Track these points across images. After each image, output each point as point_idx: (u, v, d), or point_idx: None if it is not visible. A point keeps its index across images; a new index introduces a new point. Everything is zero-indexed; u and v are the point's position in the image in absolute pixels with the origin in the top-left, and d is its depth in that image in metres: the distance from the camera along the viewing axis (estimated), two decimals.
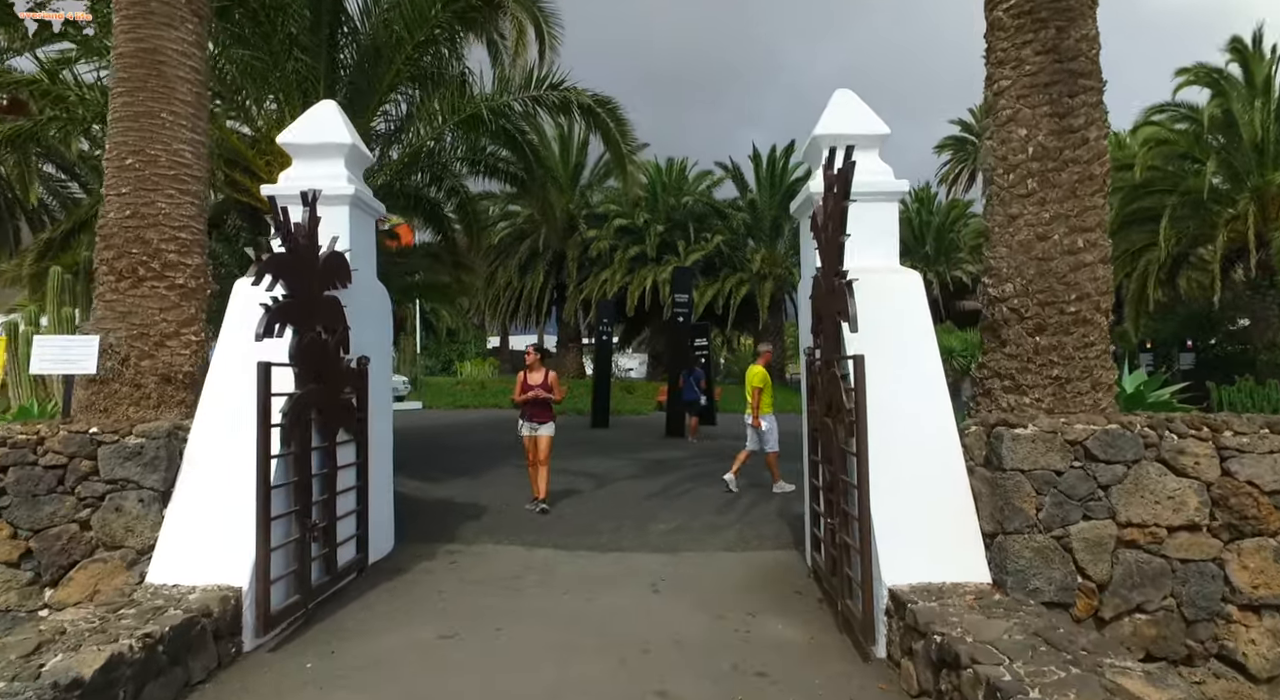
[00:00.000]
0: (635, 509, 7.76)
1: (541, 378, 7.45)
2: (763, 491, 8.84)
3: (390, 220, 13.59)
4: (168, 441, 3.93)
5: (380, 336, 5.69)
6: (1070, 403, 4.35)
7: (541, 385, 7.39)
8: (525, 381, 7.50)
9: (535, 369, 7.51)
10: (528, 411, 7.46)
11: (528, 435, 7.48)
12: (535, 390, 7.36)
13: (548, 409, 7.46)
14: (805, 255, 5.31)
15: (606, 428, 17.03)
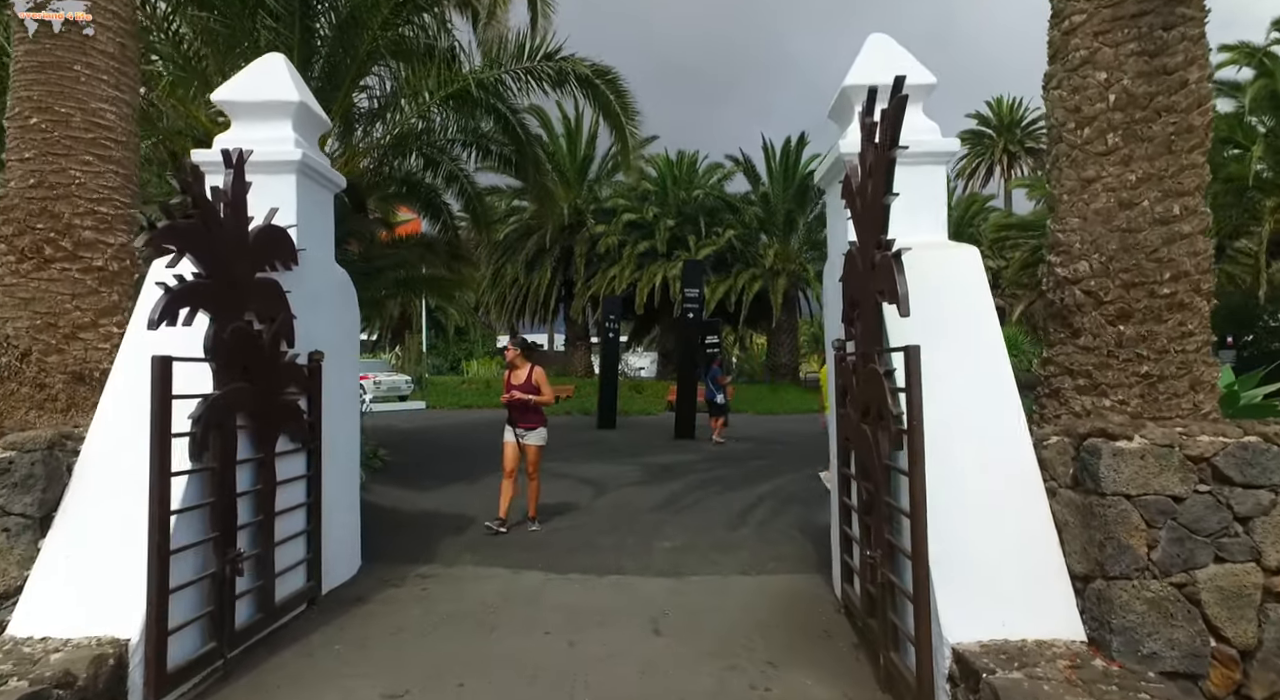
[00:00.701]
0: (638, 522, 7.00)
1: (525, 377, 6.57)
2: (781, 500, 8.04)
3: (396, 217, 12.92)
4: (48, 455, 3.17)
5: (340, 329, 4.94)
6: (1163, 405, 3.54)
7: (524, 385, 6.50)
8: (509, 380, 6.66)
9: (518, 367, 6.65)
10: (512, 416, 6.63)
11: (511, 442, 6.60)
12: (515, 392, 6.47)
13: (535, 413, 6.60)
14: (834, 230, 4.51)
15: (613, 428, 16.29)
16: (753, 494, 8.50)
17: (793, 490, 8.75)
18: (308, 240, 4.36)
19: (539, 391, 6.56)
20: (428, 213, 11.45)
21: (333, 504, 4.67)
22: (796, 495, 8.41)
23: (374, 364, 25.53)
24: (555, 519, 7.07)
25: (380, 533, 6.30)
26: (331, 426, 4.65)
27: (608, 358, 17.04)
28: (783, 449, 12.83)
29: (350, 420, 5.19)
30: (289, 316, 4.02)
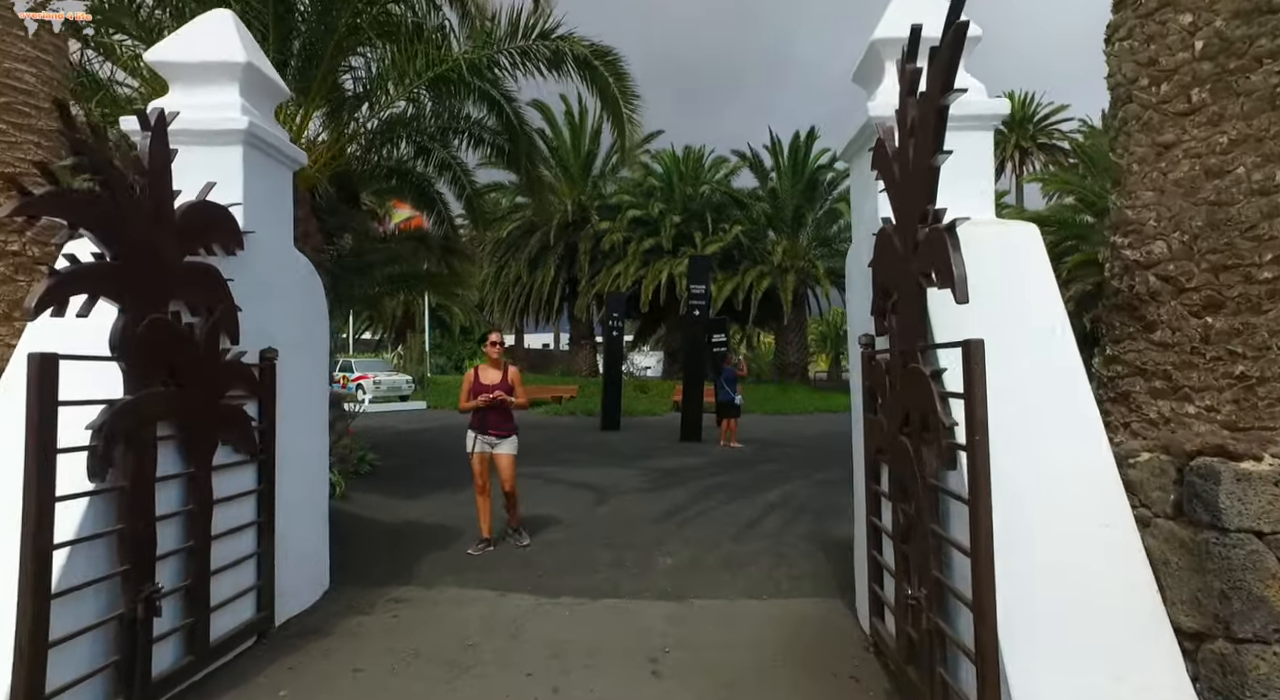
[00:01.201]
0: (640, 535, 6.43)
1: (500, 376, 5.78)
2: (793, 510, 7.47)
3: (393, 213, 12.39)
4: None
5: (302, 323, 4.39)
6: (1262, 413, 2.95)
7: (503, 385, 5.71)
8: (477, 381, 5.77)
9: (493, 364, 5.86)
10: (481, 421, 5.73)
11: (479, 453, 5.76)
12: (498, 392, 5.62)
13: (509, 417, 5.85)
14: (860, 209, 3.92)
15: (617, 430, 15.74)
16: (762, 502, 7.93)
17: (805, 498, 8.18)
18: (259, 222, 3.82)
19: (514, 392, 5.80)
20: (421, 205, 10.92)
21: (291, 521, 4.12)
22: (809, 504, 7.84)
23: (374, 363, 25.06)
24: (550, 531, 6.51)
25: (356, 548, 5.76)
26: (291, 434, 4.11)
27: (611, 356, 16.49)
28: (793, 452, 12.25)
29: (317, 426, 4.64)
30: (231, 308, 3.47)
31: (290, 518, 4.10)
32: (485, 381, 5.73)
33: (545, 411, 20.52)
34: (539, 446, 12.57)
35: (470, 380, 5.82)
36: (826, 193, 27.04)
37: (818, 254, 26.88)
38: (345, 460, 8.09)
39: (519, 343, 42.00)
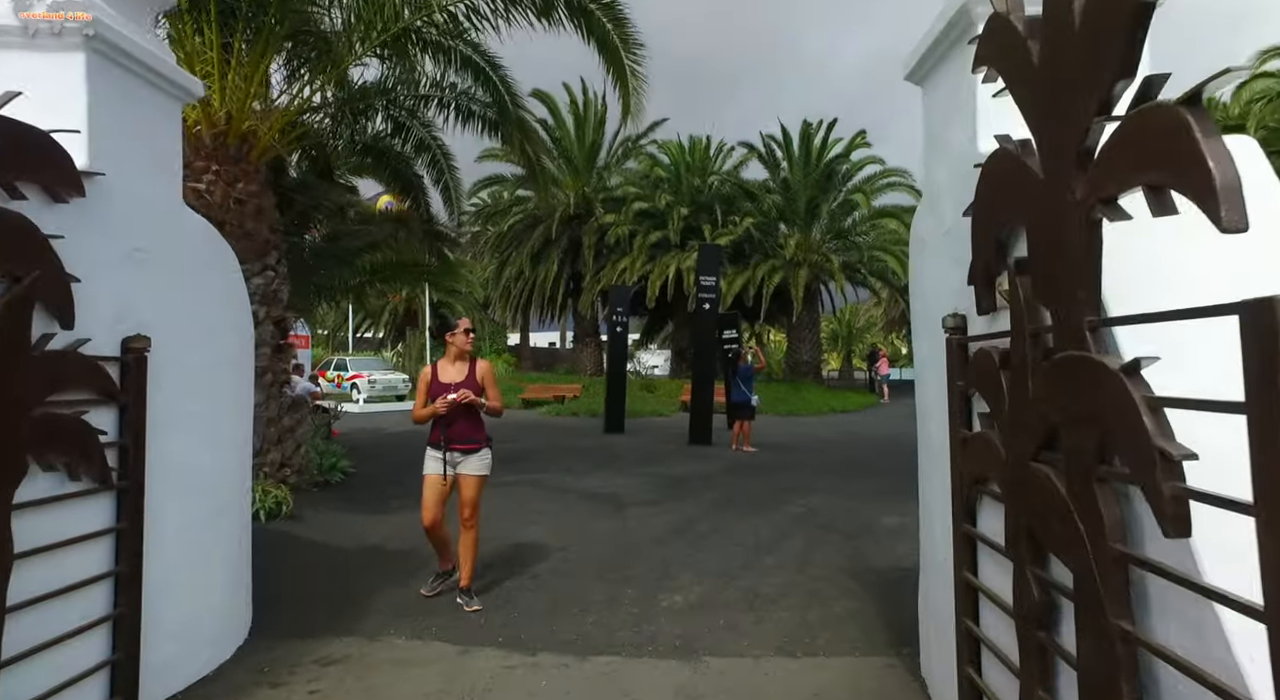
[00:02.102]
0: (642, 561, 5.40)
1: (466, 372, 4.46)
2: (819, 527, 6.42)
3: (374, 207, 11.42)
4: None
5: (198, 305, 3.36)
6: None
7: (469, 384, 4.37)
8: (435, 380, 4.42)
9: (457, 357, 4.48)
10: (443, 432, 4.36)
11: (436, 474, 4.38)
12: (465, 391, 4.27)
13: (478, 426, 4.46)
14: (937, 140, 2.83)
15: (622, 432, 14.72)
16: (783, 518, 6.89)
17: (831, 513, 7.14)
18: (118, 163, 2.80)
19: (485, 393, 4.46)
20: (398, 186, 9.91)
21: (178, 567, 3.10)
22: (837, 521, 6.80)
23: (370, 362, 24.13)
24: (536, 556, 5.48)
25: (294, 583, 4.75)
26: (180, 451, 3.09)
27: (615, 354, 15.45)
28: (811, 457, 11.19)
29: (228, 439, 3.61)
30: (58, 277, 2.46)
31: (176, 562, 3.08)
32: (446, 380, 4.41)
33: (547, 411, 19.52)
34: (536, 451, 11.55)
35: (426, 380, 4.44)
36: (841, 183, 25.90)
37: (832, 247, 25.74)
38: (305, 471, 7.09)
39: (524, 341, 41.07)
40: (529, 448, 12.14)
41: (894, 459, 11.08)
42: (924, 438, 3.10)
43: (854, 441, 13.49)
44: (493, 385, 4.54)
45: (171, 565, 3.06)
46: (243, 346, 3.73)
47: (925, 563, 3.25)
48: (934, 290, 2.82)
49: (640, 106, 7.64)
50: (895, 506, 7.42)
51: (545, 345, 53.75)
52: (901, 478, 9.19)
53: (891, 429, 15.75)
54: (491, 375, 4.56)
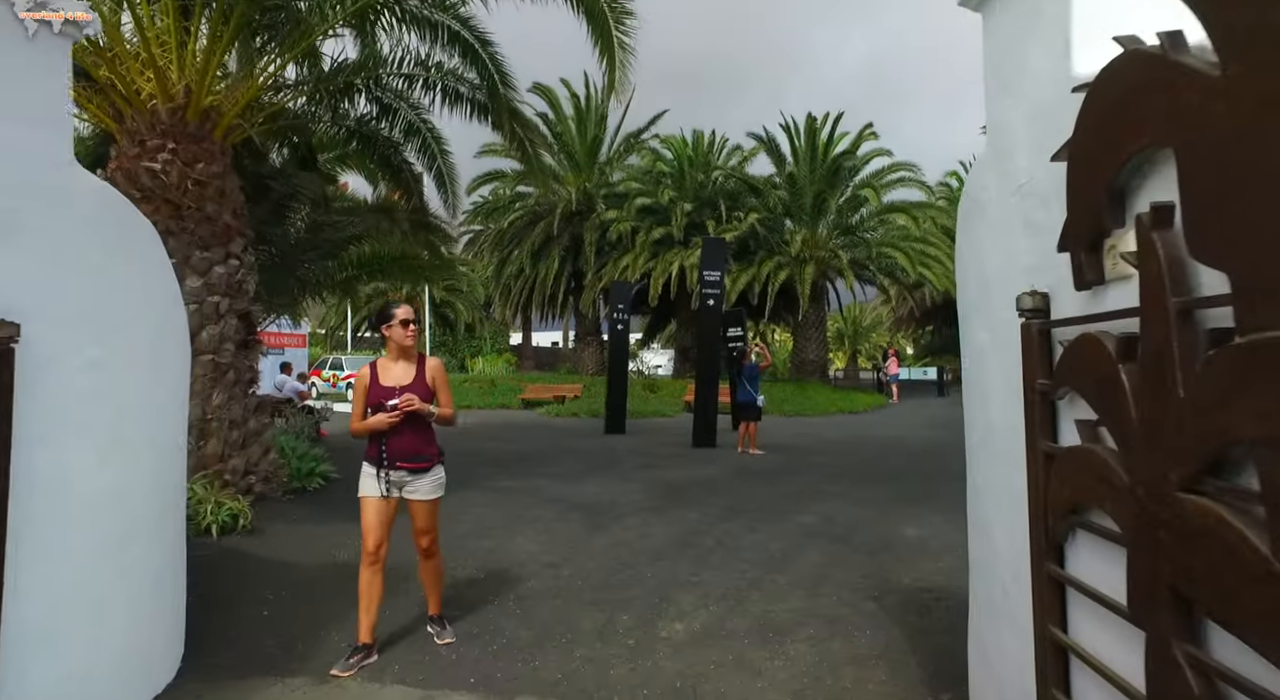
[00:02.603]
0: (641, 580, 4.84)
1: (413, 374, 3.58)
2: (834, 541, 5.84)
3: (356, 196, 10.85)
4: None
5: (99, 289, 2.79)
6: None
7: (417, 386, 3.54)
8: (375, 383, 3.53)
9: (402, 354, 3.60)
10: (385, 447, 3.49)
11: (378, 499, 3.52)
12: (410, 397, 3.42)
13: (429, 439, 3.61)
14: (1011, 66, 2.22)
15: (623, 434, 14.18)
16: (794, 529, 6.33)
17: (846, 523, 6.57)
18: None
19: (437, 398, 3.64)
20: (386, 175, 9.37)
21: (57, 611, 2.55)
22: (854, 532, 6.23)
23: (363, 360, 23.57)
24: (523, 577, 4.93)
25: (241, 609, 4.20)
26: (70, 463, 2.55)
27: (616, 353, 14.92)
28: (821, 460, 10.62)
29: (148, 451, 3.05)
30: None
31: (54, 604, 2.53)
32: (389, 383, 3.50)
33: (546, 412, 19.00)
34: (532, 453, 11.01)
35: (364, 383, 3.53)
36: (848, 178, 25.29)
37: (839, 244, 25.14)
38: (274, 478, 6.53)
39: (526, 340, 40.59)
40: (525, 450, 11.60)
41: (908, 462, 10.51)
42: (978, 449, 2.53)
43: (864, 444, 12.92)
44: (445, 388, 3.66)
45: (47, 608, 2.50)
46: (164, 342, 3.15)
47: (979, 601, 2.68)
48: (998, 265, 2.25)
49: (626, 80, 7.08)
50: (915, 515, 6.86)
51: (548, 345, 53.28)
52: (918, 483, 8.64)
53: (903, 431, 15.18)
54: (444, 376, 3.69)
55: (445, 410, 3.66)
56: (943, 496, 7.77)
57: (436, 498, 3.69)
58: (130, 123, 5.45)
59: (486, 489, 8.07)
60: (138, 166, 5.35)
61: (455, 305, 40.87)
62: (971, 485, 2.66)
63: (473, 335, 40.84)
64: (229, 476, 5.68)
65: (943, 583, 4.85)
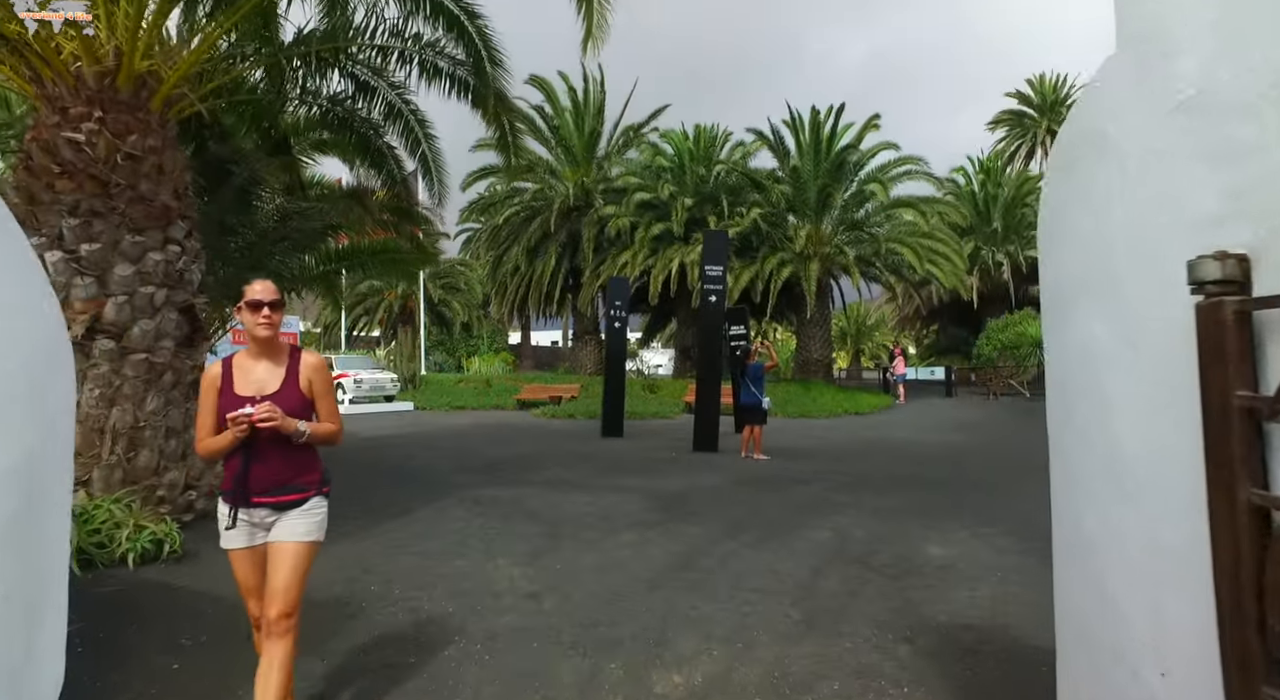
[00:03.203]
0: (633, 615, 4.15)
1: (283, 378, 2.61)
2: (853, 563, 5.14)
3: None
4: None
5: None
6: None
7: (284, 395, 2.56)
8: (227, 389, 2.55)
9: (264, 349, 2.61)
10: (241, 475, 2.50)
11: (241, 548, 2.59)
12: (266, 410, 2.42)
13: (302, 463, 2.62)
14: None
15: (620, 437, 13.49)
16: (806, 547, 5.66)
17: (865, 540, 5.89)
18: None
19: (315, 408, 2.66)
20: (365, 159, 8.68)
21: None
22: (875, 553, 5.55)
23: (356, 360, 22.92)
24: (496, 610, 4.24)
25: (149, 659, 3.50)
26: None
27: (614, 352, 14.22)
28: (829, 466, 9.93)
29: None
30: None
31: None
32: (246, 390, 2.54)
33: (542, 413, 18.31)
34: (522, 459, 10.31)
35: (214, 386, 2.56)
36: (853, 173, 24.59)
37: (844, 240, 24.44)
38: None
39: (525, 339, 39.95)
40: (515, 455, 10.92)
41: (922, 468, 9.83)
42: (1089, 483, 1.84)
43: (874, 448, 12.23)
44: (327, 395, 2.68)
45: None
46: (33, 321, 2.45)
47: (1089, 679, 1.98)
48: (1137, 220, 1.56)
49: (605, 28, 6.40)
50: (937, 530, 6.18)
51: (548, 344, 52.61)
52: (936, 492, 7.94)
53: (913, 434, 14.50)
54: (326, 380, 2.69)
55: (324, 426, 2.63)
56: (966, 508, 7.09)
57: (311, 542, 2.59)
58: (50, 87, 4.77)
59: (467, 499, 7.40)
60: (57, 137, 4.68)
61: (452, 304, 40.26)
62: (1072, 531, 1.97)
63: (470, 334, 40.24)
64: (164, 493, 4.98)
65: (984, 619, 4.17)
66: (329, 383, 2.72)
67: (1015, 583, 4.83)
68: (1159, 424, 1.45)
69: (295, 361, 2.67)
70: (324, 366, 2.73)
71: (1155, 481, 1.49)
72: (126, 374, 4.89)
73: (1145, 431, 1.54)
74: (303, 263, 9.50)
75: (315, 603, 4.30)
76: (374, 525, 6.30)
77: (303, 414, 2.58)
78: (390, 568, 5.05)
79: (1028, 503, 7.33)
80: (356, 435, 13.73)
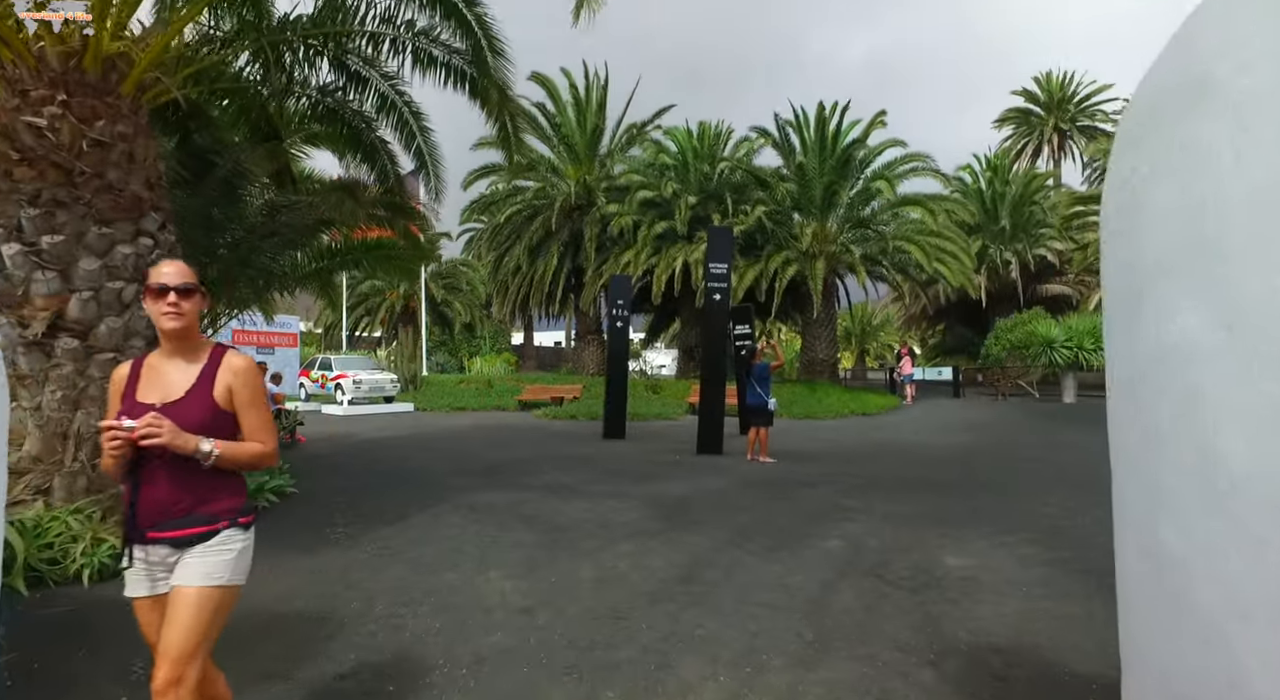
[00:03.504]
0: (632, 636, 3.83)
1: (193, 379, 2.10)
2: (868, 574, 4.80)
3: None
4: None
5: None
6: None
7: (188, 402, 2.06)
8: (131, 392, 2.09)
9: (177, 345, 2.11)
10: (134, 503, 2.00)
11: (148, 598, 2.08)
12: (154, 425, 1.91)
13: (210, 487, 2.08)
14: None
15: (622, 439, 13.19)
16: (818, 557, 5.33)
17: (877, 548, 5.57)
18: None
19: (228, 424, 2.13)
20: (355, 152, 8.39)
21: None
22: (887, 561, 5.23)
23: (355, 360, 22.64)
24: (484, 628, 3.92)
25: (97, 689, 3.20)
26: None
27: (615, 351, 13.92)
28: (838, 469, 9.59)
29: None
30: None
31: None
32: (149, 396, 2.08)
33: (543, 414, 18.01)
34: (520, 462, 10.00)
35: (118, 390, 2.14)
36: (859, 170, 24.23)
37: (851, 238, 24.08)
38: None
39: (528, 339, 39.67)
40: (515, 457, 10.61)
41: (934, 472, 9.49)
42: (1180, 498, 1.52)
43: (883, 450, 11.89)
44: (255, 406, 2.17)
45: None
46: None
47: None
48: (1263, 181, 1.23)
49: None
50: (954, 539, 5.86)
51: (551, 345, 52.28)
52: (950, 497, 7.59)
53: (923, 435, 14.15)
54: (253, 385, 2.18)
55: (244, 446, 2.11)
56: (983, 515, 6.76)
57: (215, 588, 2.03)
58: (10, 69, 4.48)
59: (462, 505, 7.09)
60: (16, 121, 4.38)
61: (454, 304, 39.99)
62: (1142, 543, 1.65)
63: (472, 335, 39.98)
64: None
65: (1011, 639, 3.84)
66: (257, 391, 2.18)
67: (1042, 597, 4.50)
68: (1272, 424, 1.13)
69: (214, 364, 2.15)
70: (250, 370, 2.21)
71: (1263, 491, 1.17)
72: (93, 375, 4.59)
73: (1251, 432, 1.22)
74: (294, 260, 9.21)
75: (289, 621, 4.00)
76: (363, 533, 6.00)
77: (214, 428, 2.05)
78: (376, 580, 4.75)
79: (1050, 509, 7.00)
80: (353, 437, 13.44)
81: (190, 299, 2.10)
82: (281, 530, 5.99)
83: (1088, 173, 45.96)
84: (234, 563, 2.10)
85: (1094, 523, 6.42)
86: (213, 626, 2.04)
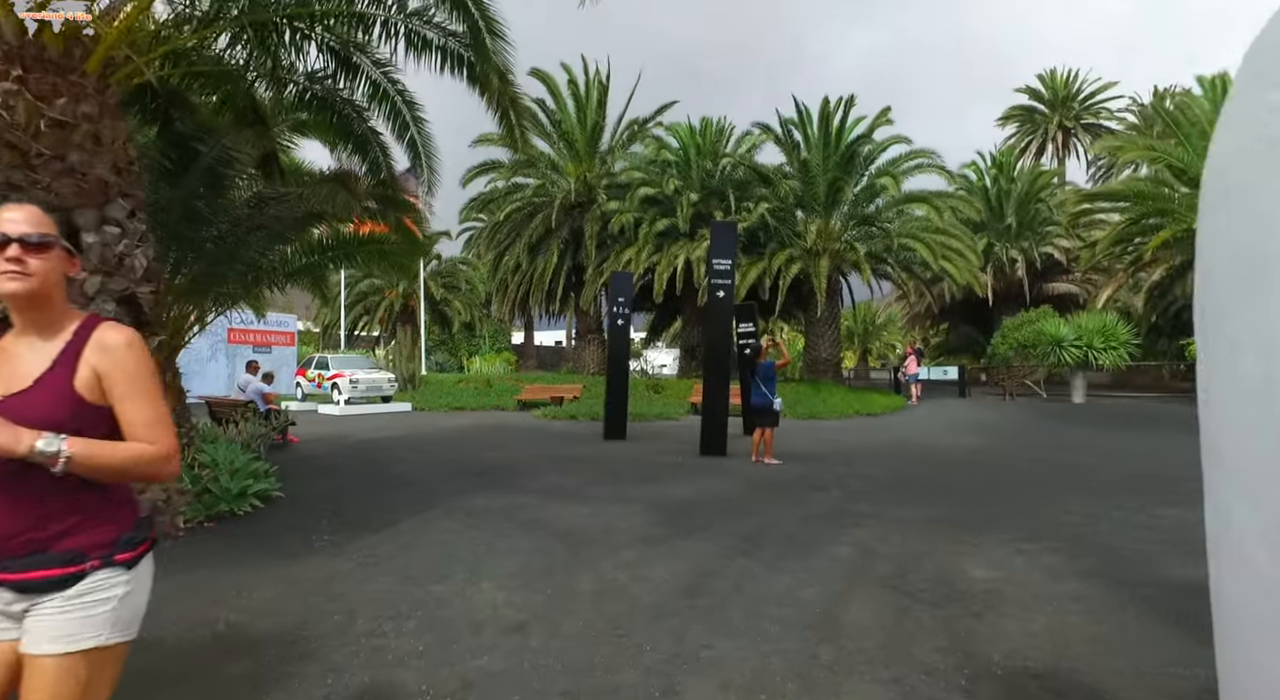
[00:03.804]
0: (633, 656, 3.50)
1: (49, 363, 1.54)
2: (884, 584, 4.43)
3: None
4: None
5: None
6: None
7: (35, 393, 1.50)
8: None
9: (30, 318, 1.56)
10: None
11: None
12: None
13: (86, 507, 1.53)
14: None
15: (623, 439, 12.86)
16: (829, 566, 5.01)
17: (893, 556, 5.24)
18: None
19: (97, 420, 1.54)
20: (345, 142, 8.07)
21: None
22: (905, 571, 4.90)
23: (352, 359, 22.33)
24: (474, 647, 3.60)
25: None
26: None
27: (616, 350, 13.59)
28: (846, 471, 9.27)
29: None
30: None
31: None
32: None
33: (542, 414, 17.69)
34: (517, 464, 9.67)
35: None
36: (864, 166, 23.88)
37: (855, 235, 23.74)
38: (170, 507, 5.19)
39: (528, 338, 39.36)
40: (512, 459, 10.29)
41: (945, 474, 9.15)
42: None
43: (890, 451, 11.56)
44: (135, 396, 1.57)
45: None
46: None
47: None
48: None
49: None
50: (975, 547, 5.53)
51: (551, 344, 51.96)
52: (965, 502, 7.22)
53: (930, 436, 13.81)
54: (132, 369, 1.57)
55: (122, 446, 1.54)
56: (1001, 520, 6.43)
57: (82, 653, 1.49)
58: None
59: (457, 510, 6.77)
60: None
61: (454, 303, 39.67)
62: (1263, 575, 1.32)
63: (472, 334, 39.67)
64: None
65: (1048, 660, 3.51)
66: (140, 373, 1.57)
67: (1075, 612, 4.17)
68: None
69: (79, 342, 1.57)
70: (130, 345, 1.59)
71: None
72: None
73: None
74: (284, 254, 8.88)
75: (260, 639, 3.68)
76: (349, 540, 5.68)
77: (77, 428, 1.48)
78: (359, 592, 4.43)
79: (1072, 515, 6.66)
80: (348, 437, 13.13)
81: (42, 254, 1.52)
82: (262, 537, 5.67)
83: (1092, 170, 45.62)
84: (110, 617, 1.52)
85: (1116, 529, 6.10)
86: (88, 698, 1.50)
